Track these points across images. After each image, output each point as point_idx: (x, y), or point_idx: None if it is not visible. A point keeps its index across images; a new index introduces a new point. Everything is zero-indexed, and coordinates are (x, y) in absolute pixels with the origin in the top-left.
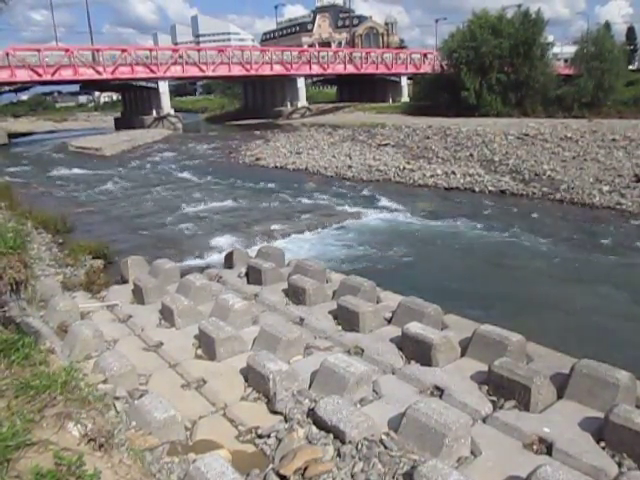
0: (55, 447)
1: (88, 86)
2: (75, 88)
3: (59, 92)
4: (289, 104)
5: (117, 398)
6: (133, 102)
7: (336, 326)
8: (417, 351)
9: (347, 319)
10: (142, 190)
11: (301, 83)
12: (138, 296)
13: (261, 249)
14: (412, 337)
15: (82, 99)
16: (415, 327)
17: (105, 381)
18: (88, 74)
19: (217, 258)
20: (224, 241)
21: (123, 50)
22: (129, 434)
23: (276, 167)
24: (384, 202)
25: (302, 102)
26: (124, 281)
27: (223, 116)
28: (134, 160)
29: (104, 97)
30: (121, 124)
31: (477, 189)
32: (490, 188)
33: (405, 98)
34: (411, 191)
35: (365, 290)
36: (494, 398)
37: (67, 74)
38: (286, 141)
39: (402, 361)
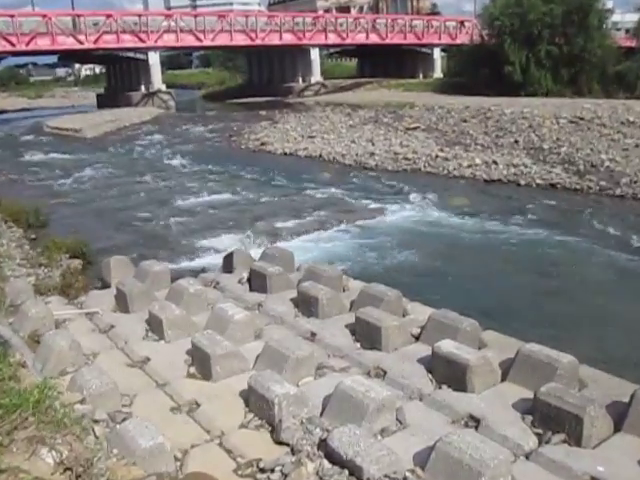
0: (26, 476)
1: (67, 57)
2: (53, 60)
3: (34, 64)
4: (301, 79)
5: (96, 421)
6: (119, 76)
7: (354, 343)
8: (450, 374)
9: (367, 335)
10: (128, 179)
11: (315, 55)
12: (121, 303)
13: (266, 251)
14: (444, 357)
15: (60, 72)
16: (448, 345)
17: (83, 401)
18: (68, 43)
19: (214, 260)
20: (223, 240)
21: (108, 16)
22: (110, 464)
23: (285, 154)
24: (412, 196)
25: (316, 77)
26: (105, 285)
27: (223, 93)
28: (119, 143)
29: (85, 70)
30: (104, 101)
31: (523, 182)
32: (538, 181)
33: (438, 73)
34: (444, 183)
35: (389, 301)
36: (540, 431)
37: (44, 43)
38: (297, 123)
39: (432, 385)
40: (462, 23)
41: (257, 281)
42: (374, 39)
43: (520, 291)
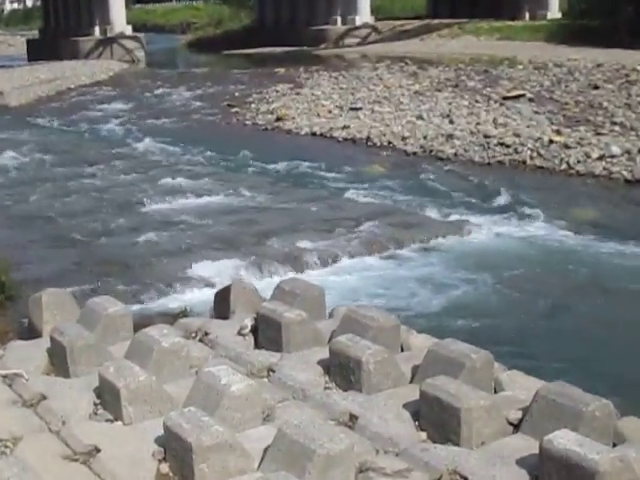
0: None
1: None
2: None
3: None
4: (339, 20)
5: None
6: (61, 12)
7: (417, 432)
8: None
9: (438, 420)
10: (71, 170)
11: None
12: (58, 361)
13: (282, 285)
14: (559, 457)
15: None
16: (565, 439)
17: None
18: None
19: (201, 298)
20: (215, 267)
21: None
22: None
23: (313, 134)
24: (512, 204)
25: (363, 17)
26: (34, 333)
27: (220, 40)
28: (59, 116)
29: (11, 3)
30: (39, 51)
31: None
32: None
33: (554, 13)
34: (563, 184)
35: (473, 368)
36: None
37: None
38: (332, 87)
39: None
40: None
41: (267, 332)
42: None
43: None
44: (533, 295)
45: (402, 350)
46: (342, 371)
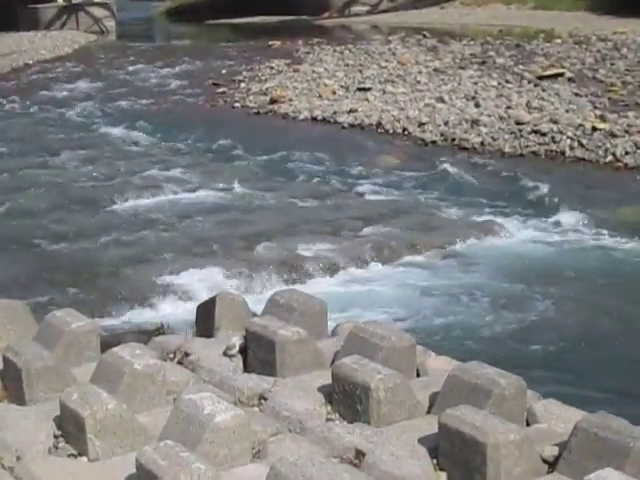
0: None
1: None
2: None
3: None
4: None
5: None
6: None
7: (436, 472)
8: None
9: (460, 458)
10: (28, 160)
11: None
12: (13, 386)
13: (277, 297)
14: None
15: None
16: None
17: None
18: None
19: (182, 312)
20: (198, 276)
21: None
22: None
23: (314, 119)
24: (548, 204)
25: None
26: None
27: (202, 7)
28: (15, 96)
29: None
30: None
31: None
32: None
33: None
34: (608, 179)
35: (502, 395)
36: None
37: None
38: (337, 64)
39: None
40: None
41: (258, 353)
42: None
43: None
44: (573, 311)
45: (418, 375)
46: (347, 399)
